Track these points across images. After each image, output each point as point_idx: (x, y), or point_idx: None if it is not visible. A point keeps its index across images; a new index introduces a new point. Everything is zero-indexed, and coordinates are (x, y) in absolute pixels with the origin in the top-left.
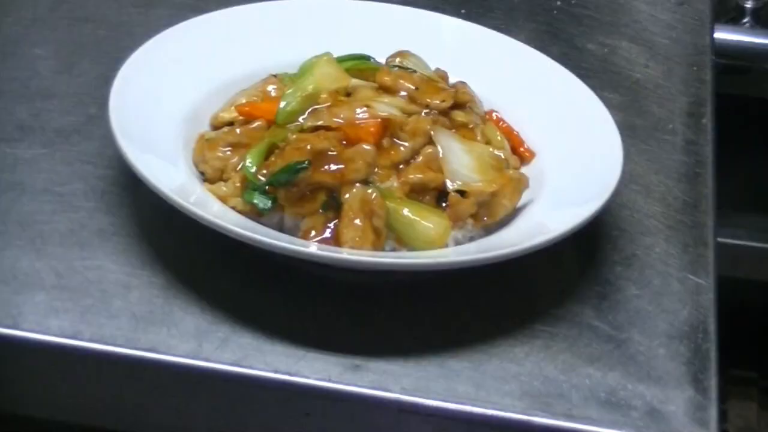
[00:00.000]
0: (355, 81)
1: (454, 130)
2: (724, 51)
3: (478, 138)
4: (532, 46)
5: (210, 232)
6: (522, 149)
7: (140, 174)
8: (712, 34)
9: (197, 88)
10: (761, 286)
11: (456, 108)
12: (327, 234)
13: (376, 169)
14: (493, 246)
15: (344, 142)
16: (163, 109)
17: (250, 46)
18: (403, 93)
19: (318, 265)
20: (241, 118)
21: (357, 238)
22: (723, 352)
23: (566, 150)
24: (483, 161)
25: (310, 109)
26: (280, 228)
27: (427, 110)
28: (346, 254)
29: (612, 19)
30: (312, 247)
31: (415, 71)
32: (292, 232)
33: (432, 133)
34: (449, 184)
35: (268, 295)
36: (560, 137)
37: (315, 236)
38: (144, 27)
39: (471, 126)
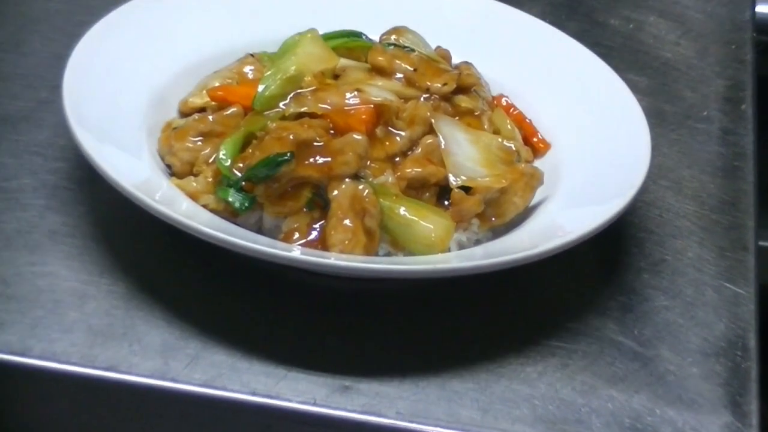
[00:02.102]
0: (344, 61)
1: (457, 118)
2: (767, 27)
3: (485, 127)
4: (547, 21)
5: (178, 234)
6: (535, 140)
7: (98, 167)
8: (754, 8)
9: (164, 68)
10: None
11: (460, 92)
12: (312, 236)
13: (368, 162)
14: (501, 250)
15: (332, 132)
16: (124, 93)
17: (224, 21)
18: (399, 75)
19: (302, 272)
20: (213, 103)
21: (347, 241)
22: (765, 372)
23: (586, 141)
24: (490, 153)
25: (292, 94)
26: (259, 229)
27: (426, 95)
28: (334, 259)
29: None
30: (295, 251)
31: (412, 50)
32: (272, 233)
33: (432, 120)
34: (452, 180)
35: (244, 306)
36: (579, 126)
37: (299, 239)
38: (103, 0)
39: (477, 113)
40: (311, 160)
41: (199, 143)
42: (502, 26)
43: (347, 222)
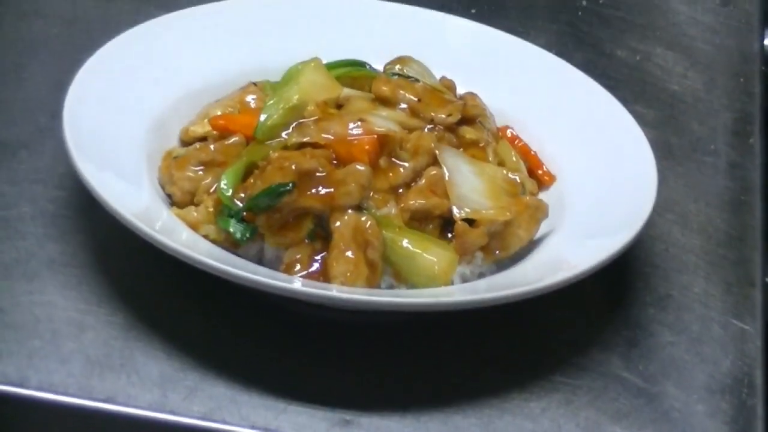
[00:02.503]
0: (347, 91)
1: (461, 149)
2: None
3: (490, 158)
4: (553, 52)
5: (178, 264)
6: (540, 172)
7: (98, 195)
8: (762, 40)
9: (165, 96)
10: None
11: (464, 123)
12: (314, 267)
13: (371, 193)
14: (505, 284)
15: (335, 162)
16: (124, 120)
17: (226, 49)
18: (403, 105)
19: (303, 304)
20: (215, 132)
21: (348, 273)
22: None
23: (592, 173)
24: (495, 185)
25: (295, 123)
26: (260, 260)
27: (430, 125)
28: (335, 291)
29: (646, 21)
30: (296, 283)
31: (417, 80)
32: (273, 264)
33: (436, 151)
34: (456, 212)
35: (244, 338)
36: (585, 158)
37: (300, 270)
38: (104, 24)
39: (482, 144)
40: (313, 190)
41: (200, 172)
42: (508, 57)
43: (349, 253)
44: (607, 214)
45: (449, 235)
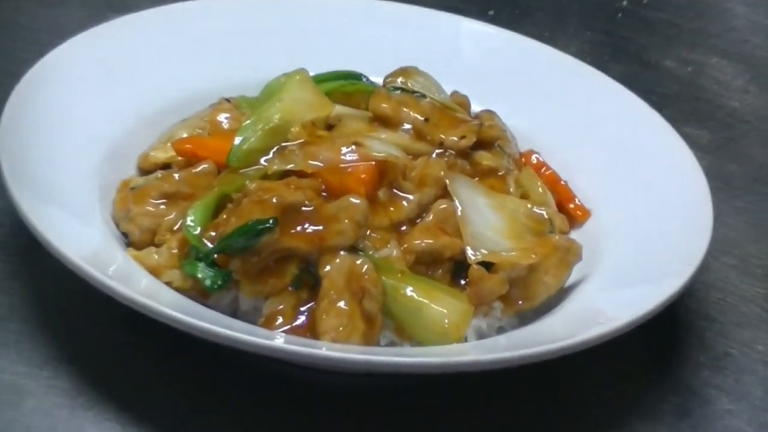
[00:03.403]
0: (340, 109)
1: (477, 179)
2: None
3: (511, 189)
4: (587, 62)
5: (136, 317)
6: (572, 206)
7: (40, 235)
8: None
9: (120, 116)
10: None
11: (480, 147)
12: (299, 321)
13: (368, 232)
14: (530, 340)
15: (324, 194)
16: (71, 145)
17: (194, 58)
18: (406, 126)
19: (287, 364)
20: (180, 158)
21: (341, 327)
22: None
23: (633, 208)
24: (517, 222)
25: (276, 148)
26: (234, 312)
27: (440, 150)
28: (325, 350)
29: (698, 26)
30: (278, 340)
31: (423, 96)
32: (250, 317)
33: (447, 181)
34: (470, 254)
35: (215, 405)
36: (625, 190)
37: (282, 324)
38: (50, 32)
39: (501, 173)
40: (299, 228)
41: (162, 207)
42: (533, 68)
43: (342, 304)
44: (652, 257)
45: (462, 282)
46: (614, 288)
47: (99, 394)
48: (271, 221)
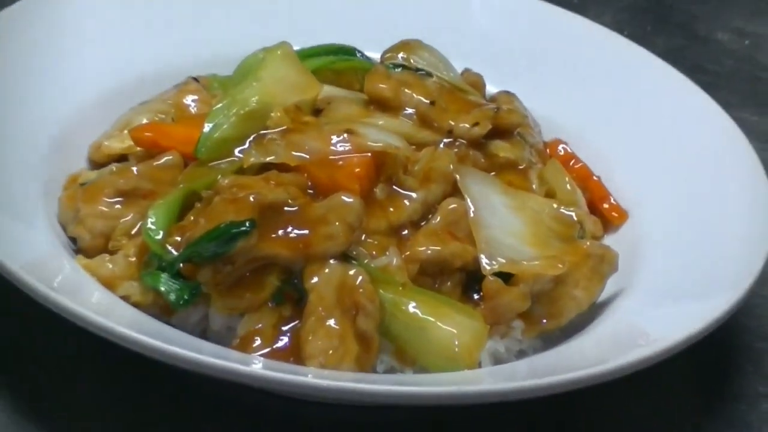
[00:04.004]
0: (329, 90)
1: (493, 173)
2: None
3: (534, 186)
4: (624, 35)
5: (87, 338)
6: (606, 206)
7: None
8: None
9: (67, 98)
10: None
11: (497, 136)
12: (281, 343)
13: (363, 236)
14: (555, 366)
15: (311, 191)
16: (10, 133)
17: (155, 29)
18: (409, 110)
19: (266, 394)
20: (139, 149)
21: (331, 351)
22: None
23: (678, 208)
24: (541, 225)
25: (253, 136)
26: (203, 332)
27: (448, 139)
28: (311, 377)
29: None
30: (255, 365)
31: (429, 74)
32: (222, 338)
33: (456, 176)
34: (485, 263)
35: None
36: (670, 187)
37: (261, 346)
38: None
39: (522, 166)
40: (280, 232)
41: (118, 207)
42: (559, 42)
43: (332, 323)
44: (702, 267)
45: (475, 297)
46: (656, 304)
47: (40, 424)
48: (247, 224)
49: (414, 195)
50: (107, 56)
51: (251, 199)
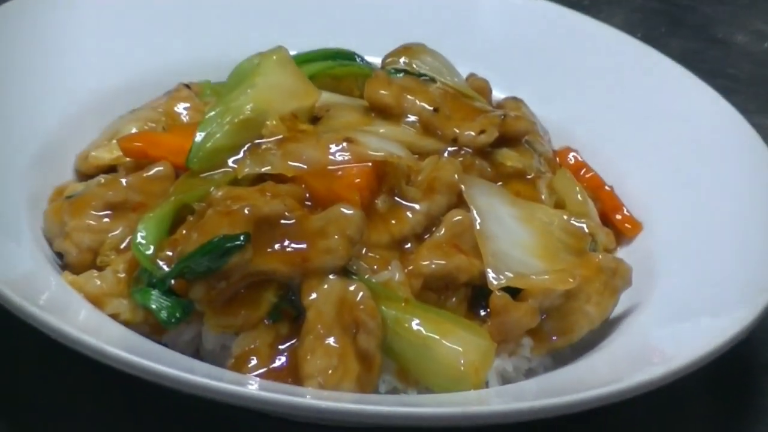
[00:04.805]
0: (328, 96)
1: (500, 183)
2: None
3: (543, 197)
4: (638, 37)
5: (75, 358)
6: (619, 217)
7: None
8: None
9: (54, 105)
10: None
11: (504, 144)
12: (278, 362)
13: (363, 250)
14: (566, 386)
15: (309, 203)
16: None
17: (146, 33)
18: (411, 118)
19: (264, 417)
20: (128, 159)
21: (330, 370)
22: None
23: (695, 219)
24: (550, 237)
25: (248, 146)
26: (196, 351)
27: (453, 147)
28: (310, 398)
29: None
30: (251, 386)
31: (432, 79)
32: (216, 357)
33: (462, 187)
34: (492, 278)
35: None
36: (685, 197)
37: (257, 366)
38: None
39: (530, 176)
40: (276, 246)
41: (106, 220)
42: (570, 45)
43: (331, 341)
44: (719, 282)
45: (482, 313)
46: (672, 320)
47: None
48: (241, 237)
49: (417, 206)
50: (95, 62)
51: (246, 211)
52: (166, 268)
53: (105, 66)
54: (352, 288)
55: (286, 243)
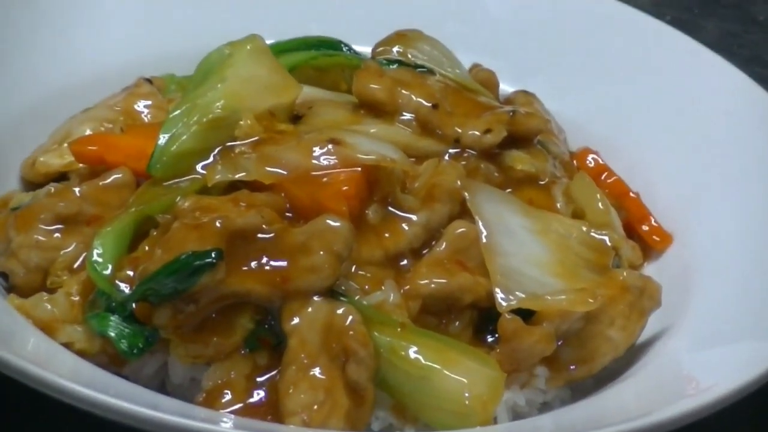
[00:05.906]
0: (310, 92)
1: (510, 190)
2: None
3: (559, 205)
4: (667, 20)
5: (24, 394)
6: (647, 228)
7: None
8: None
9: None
10: None
11: (514, 145)
12: (256, 397)
13: (353, 268)
14: (587, 421)
15: (289, 214)
16: None
17: (101, 21)
18: (407, 115)
19: None
20: (81, 166)
21: (316, 406)
22: None
23: (732, 230)
24: (569, 252)
25: (219, 149)
26: (162, 385)
27: (455, 149)
28: None
29: None
30: (224, 424)
31: (431, 71)
32: (185, 392)
33: (466, 194)
34: (501, 298)
35: None
36: (721, 205)
37: (231, 401)
38: None
39: (544, 181)
40: (253, 264)
41: (58, 235)
42: (587, 30)
43: (317, 372)
44: (758, 301)
45: (489, 339)
46: (707, 344)
47: None
48: (212, 254)
49: (414, 217)
50: (43, 56)
51: (217, 224)
52: (126, 291)
53: (54, 61)
54: (340, 311)
55: (264, 260)
